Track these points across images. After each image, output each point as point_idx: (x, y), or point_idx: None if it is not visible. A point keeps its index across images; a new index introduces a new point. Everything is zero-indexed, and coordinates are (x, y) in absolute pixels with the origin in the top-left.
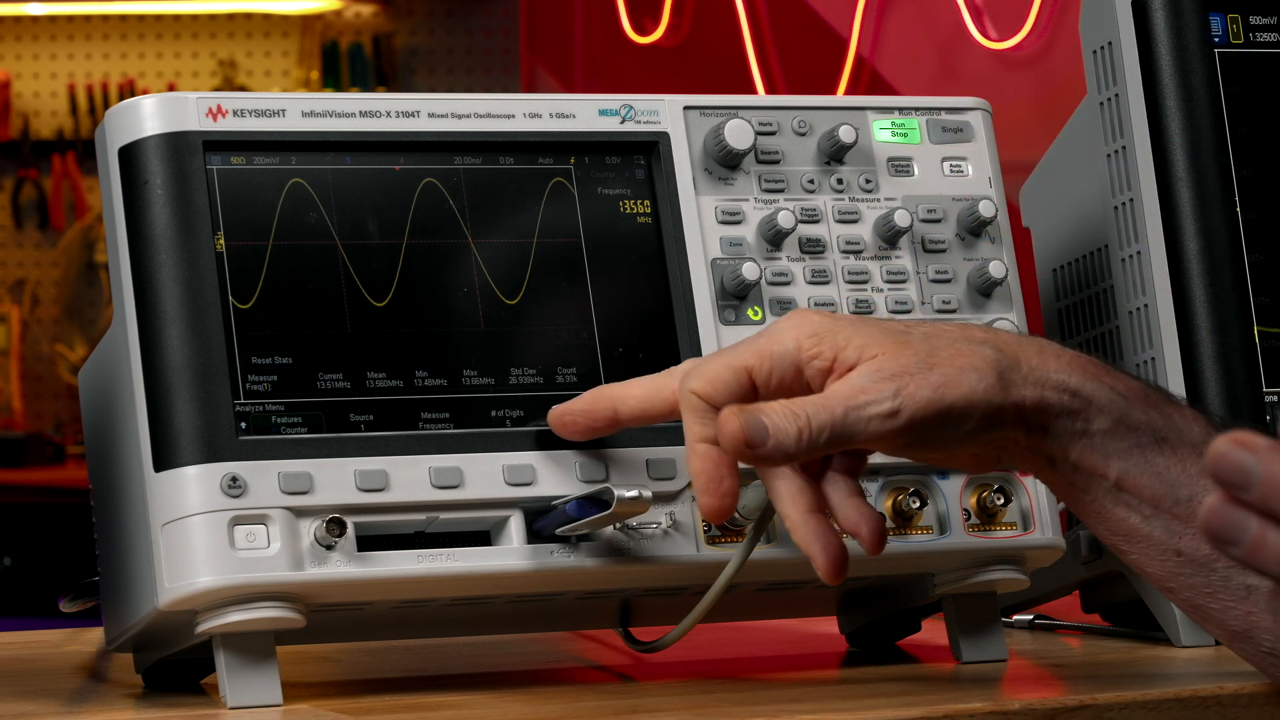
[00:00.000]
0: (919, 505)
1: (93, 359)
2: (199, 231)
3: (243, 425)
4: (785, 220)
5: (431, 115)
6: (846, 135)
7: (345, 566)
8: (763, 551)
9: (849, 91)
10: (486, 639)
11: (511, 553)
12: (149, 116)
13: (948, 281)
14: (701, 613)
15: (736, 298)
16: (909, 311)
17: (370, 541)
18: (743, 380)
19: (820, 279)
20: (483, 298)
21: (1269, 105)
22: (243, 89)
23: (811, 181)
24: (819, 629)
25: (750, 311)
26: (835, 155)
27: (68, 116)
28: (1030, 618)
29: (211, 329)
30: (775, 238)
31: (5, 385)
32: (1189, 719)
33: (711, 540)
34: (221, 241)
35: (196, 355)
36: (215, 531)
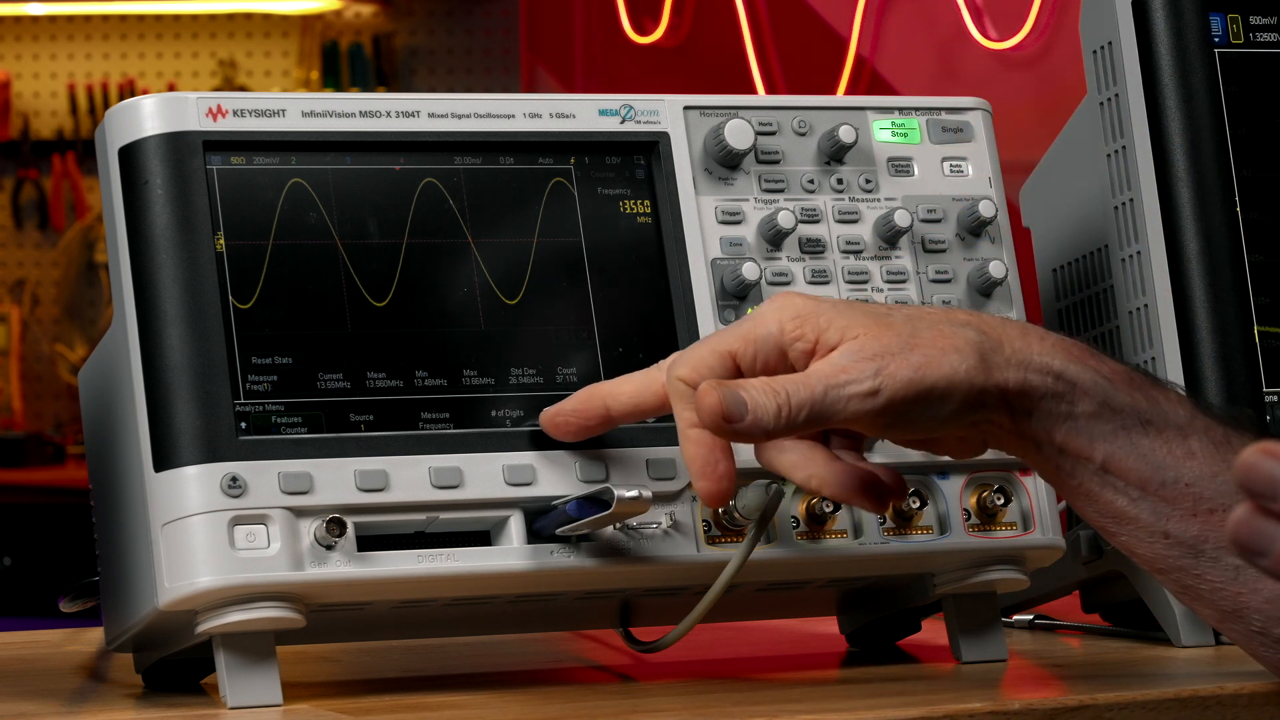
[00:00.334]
0: (919, 505)
1: (93, 359)
2: (199, 231)
3: (243, 425)
4: (785, 220)
5: (431, 115)
6: (846, 135)
7: (345, 566)
8: (763, 551)
9: (849, 91)
10: (486, 639)
11: (511, 553)
12: (149, 116)
13: (948, 281)
14: (701, 613)
15: (736, 298)
16: None
17: (370, 541)
18: (727, 364)
19: (820, 279)
20: (483, 298)
21: (1269, 105)
22: (243, 89)
23: (811, 181)
24: (819, 629)
25: (750, 311)
26: (835, 155)
27: (68, 116)
28: (1030, 618)
29: (211, 329)
30: (775, 238)
31: (5, 385)
32: (1189, 719)
33: (711, 540)
34: (221, 241)
35: (196, 355)
36: (215, 531)
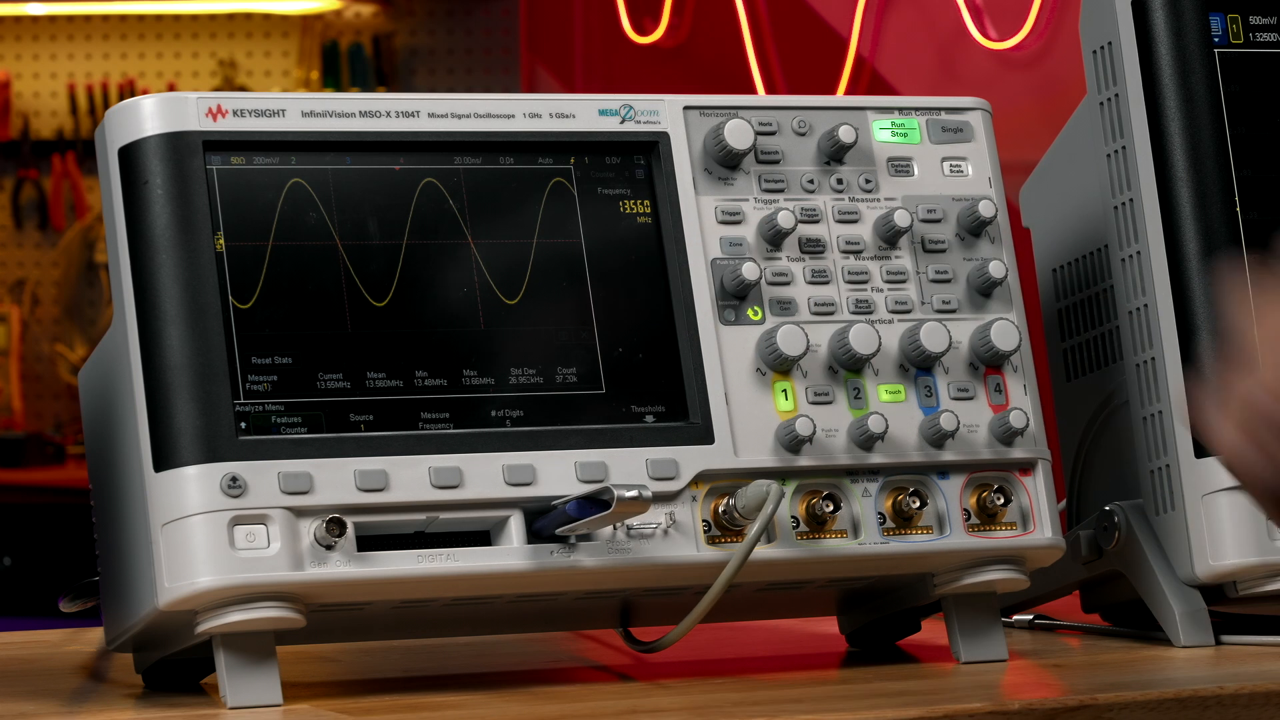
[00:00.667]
0: (919, 505)
1: (93, 359)
2: (199, 231)
3: (243, 425)
4: (785, 220)
5: (431, 115)
6: (846, 135)
7: (345, 566)
8: (763, 551)
9: (849, 91)
10: (486, 639)
11: (511, 553)
12: (149, 116)
13: (948, 281)
14: (701, 613)
15: (736, 297)
16: (909, 311)
17: (370, 541)
18: None
19: (820, 279)
20: (483, 298)
21: (1269, 105)
22: (243, 89)
23: (811, 181)
24: (819, 629)
25: (750, 311)
26: (835, 155)
27: (68, 116)
28: (1030, 618)
29: (211, 329)
30: (775, 238)
31: (5, 385)
32: (1189, 719)
33: (711, 540)
34: (221, 241)
35: (196, 355)
36: (215, 531)
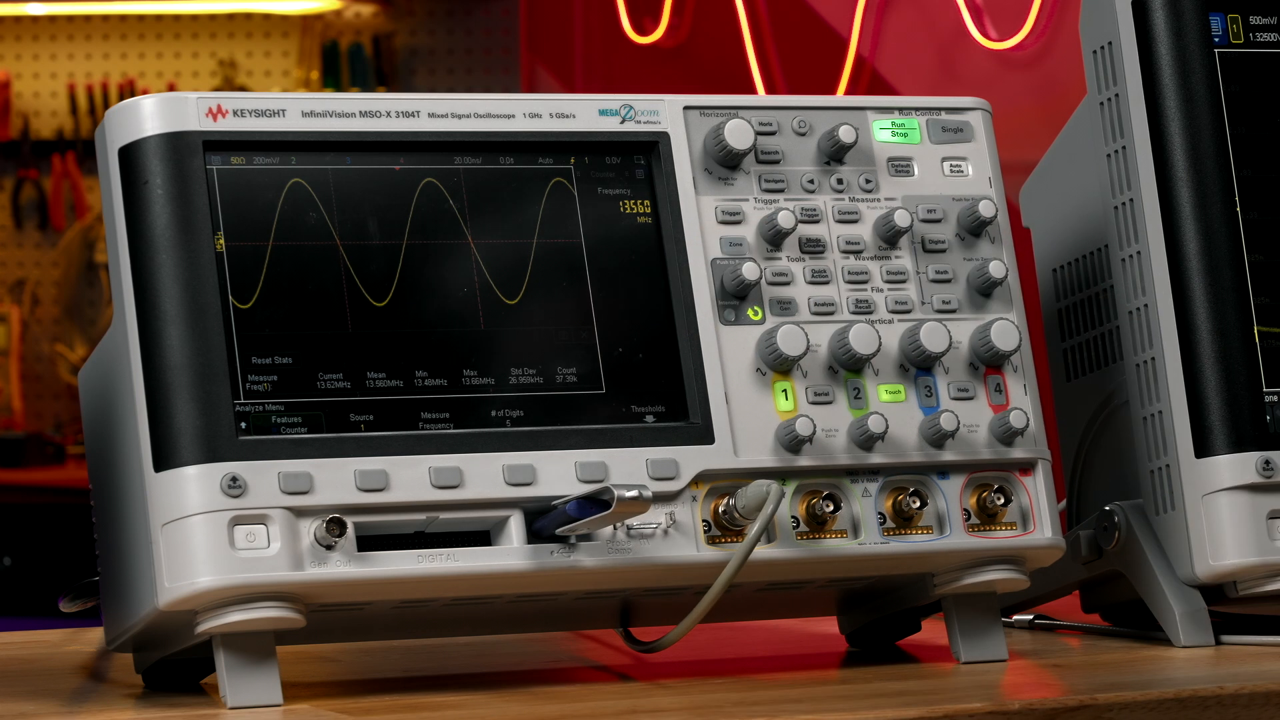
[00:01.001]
0: (919, 505)
1: (93, 359)
2: (199, 231)
3: (243, 425)
4: (785, 220)
5: (431, 115)
6: (846, 135)
7: (345, 566)
8: (763, 551)
9: (849, 91)
10: (486, 639)
11: (511, 553)
12: (149, 116)
13: (948, 281)
14: (701, 613)
15: (736, 298)
16: (909, 311)
17: (370, 541)
18: None
19: (820, 279)
20: (483, 298)
21: (1269, 105)
22: (243, 89)
23: (811, 181)
24: (819, 629)
25: (750, 311)
26: (835, 155)
27: (68, 116)
28: (1030, 618)
29: (211, 329)
30: (775, 238)
31: (5, 385)
32: (1189, 719)
33: (711, 540)
34: (221, 241)
35: (196, 355)
36: (215, 531)
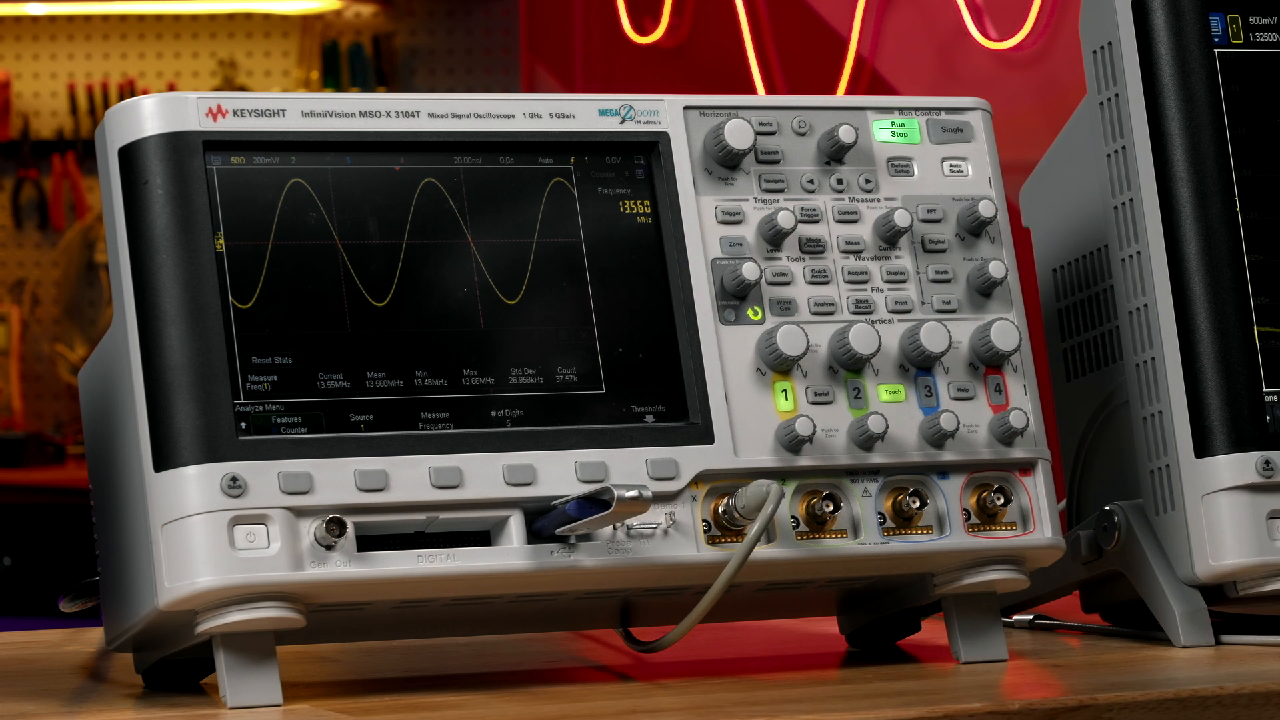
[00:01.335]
0: (919, 505)
1: (93, 359)
2: (199, 231)
3: (243, 425)
4: (785, 220)
5: (431, 115)
6: (846, 135)
7: (345, 566)
8: (763, 551)
9: (849, 91)
10: (486, 639)
11: (511, 553)
12: (149, 116)
13: (948, 281)
14: (701, 613)
15: (736, 298)
16: (909, 311)
17: (370, 541)
18: None
19: (820, 279)
20: (483, 298)
21: (1269, 105)
22: (243, 89)
23: (811, 181)
24: (819, 629)
25: (750, 311)
26: (835, 155)
27: (68, 116)
28: (1030, 618)
29: (211, 329)
30: (775, 238)
31: (5, 385)
32: (1189, 719)
33: (711, 540)
34: (221, 241)
35: (196, 355)
36: (215, 531)
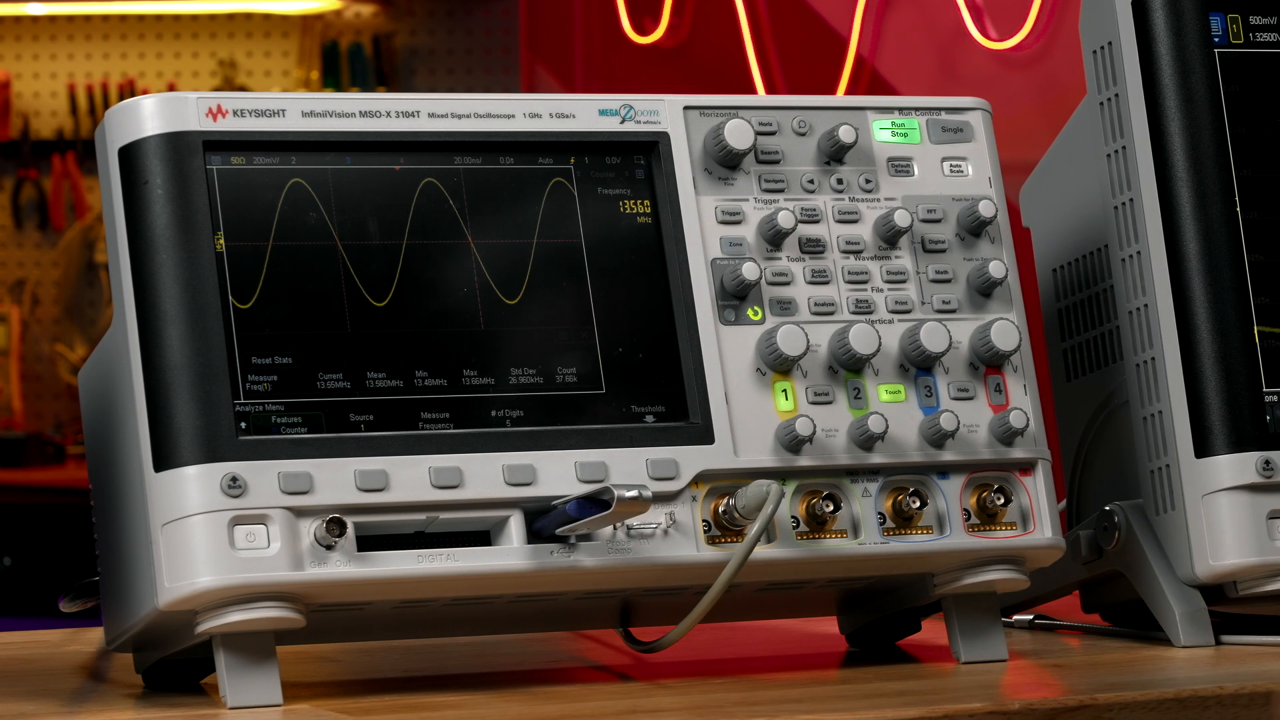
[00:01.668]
0: (919, 505)
1: (93, 359)
2: (199, 231)
3: (243, 425)
4: (785, 220)
5: (431, 115)
6: (846, 135)
7: (345, 566)
8: (763, 551)
9: (849, 91)
10: (486, 639)
11: (511, 553)
12: (149, 116)
13: (948, 281)
14: (701, 613)
15: (736, 298)
16: (909, 311)
17: (370, 541)
18: None
19: (820, 279)
20: (483, 298)
21: (1269, 105)
22: (243, 89)
23: (811, 181)
24: (819, 629)
25: (750, 311)
26: (835, 155)
27: (68, 116)
28: (1030, 618)
29: (211, 329)
30: (775, 238)
31: (5, 385)
32: (1189, 719)
33: (711, 540)
34: (221, 241)
35: (196, 355)
36: (215, 531)
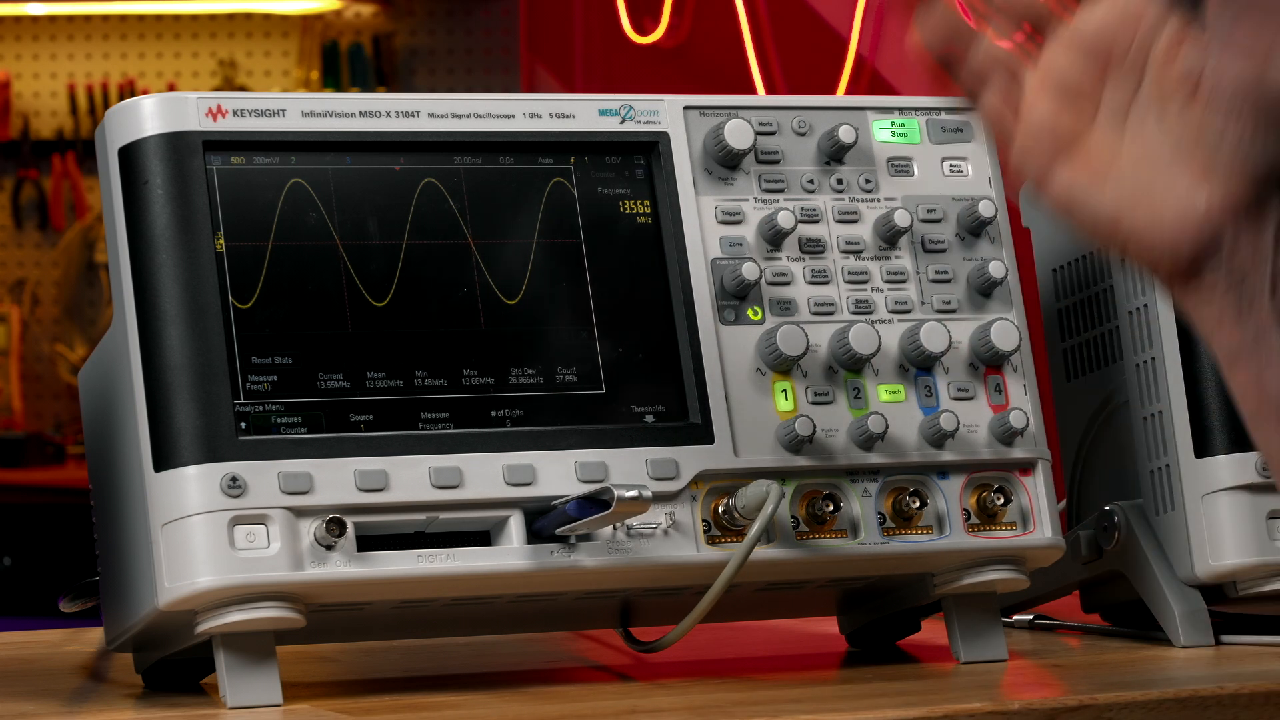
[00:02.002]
0: (919, 505)
1: (93, 359)
2: (199, 231)
3: (243, 425)
4: (785, 220)
5: (431, 115)
6: (846, 135)
7: (345, 566)
8: (763, 551)
9: (849, 91)
10: (486, 639)
11: (511, 553)
12: (149, 116)
13: (948, 281)
14: (701, 613)
15: (736, 298)
16: (909, 311)
17: (370, 541)
18: None
19: (820, 279)
20: (483, 298)
21: None
22: (243, 89)
23: (811, 181)
24: (819, 629)
25: (750, 311)
26: (835, 155)
27: (68, 116)
28: (1030, 618)
29: (211, 329)
30: (775, 238)
31: (5, 385)
32: (1189, 719)
33: (711, 540)
34: (221, 241)
35: (196, 355)
36: (215, 531)
